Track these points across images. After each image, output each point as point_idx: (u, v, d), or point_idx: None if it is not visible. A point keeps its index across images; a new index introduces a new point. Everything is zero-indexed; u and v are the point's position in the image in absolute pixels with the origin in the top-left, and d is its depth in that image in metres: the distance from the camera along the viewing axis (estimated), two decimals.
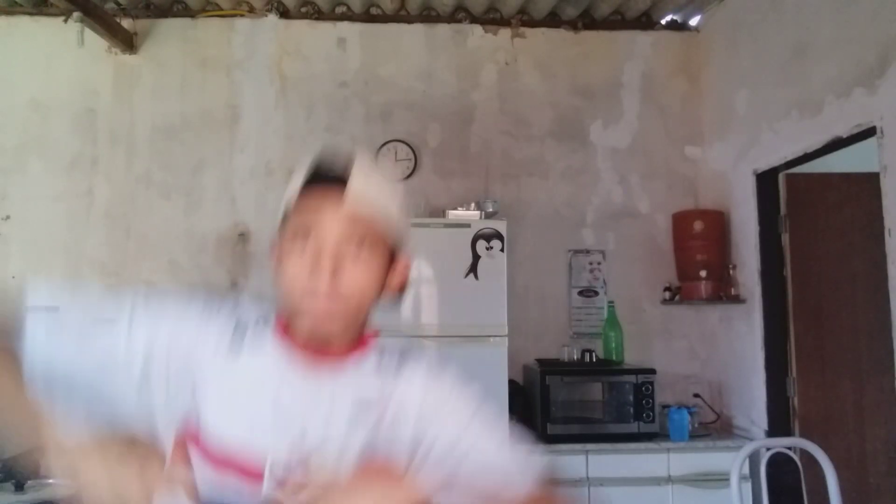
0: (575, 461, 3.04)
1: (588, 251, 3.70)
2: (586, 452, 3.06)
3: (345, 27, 3.76)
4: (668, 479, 3.06)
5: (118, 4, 3.62)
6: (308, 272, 0.84)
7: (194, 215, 3.59)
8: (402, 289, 0.96)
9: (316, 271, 0.83)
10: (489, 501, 0.89)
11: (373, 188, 0.87)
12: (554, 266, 3.67)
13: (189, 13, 3.71)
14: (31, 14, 3.63)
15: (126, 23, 3.63)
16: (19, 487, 1.97)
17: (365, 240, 0.86)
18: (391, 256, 0.91)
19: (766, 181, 3.24)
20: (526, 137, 3.76)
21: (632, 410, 3.15)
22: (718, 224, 3.49)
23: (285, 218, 0.89)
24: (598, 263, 3.69)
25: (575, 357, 3.40)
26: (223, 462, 0.85)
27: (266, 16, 3.72)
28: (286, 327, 0.91)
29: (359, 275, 0.85)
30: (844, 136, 2.67)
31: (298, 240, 0.85)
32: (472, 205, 3.31)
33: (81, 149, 3.58)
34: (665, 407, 3.26)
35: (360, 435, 0.88)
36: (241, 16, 3.72)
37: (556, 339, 3.54)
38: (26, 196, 3.52)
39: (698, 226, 3.48)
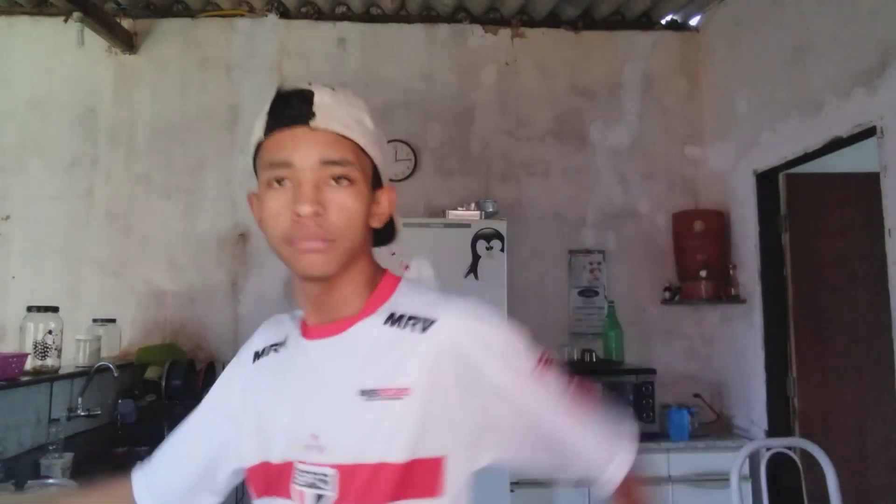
0: None
1: (588, 251, 3.70)
2: None
3: (345, 27, 3.76)
4: (669, 479, 3.06)
5: (118, 4, 3.62)
6: (288, 204, 0.76)
7: (194, 215, 3.59)
8: (392, 224, 0.90)
9: (298, 198, 0.75)
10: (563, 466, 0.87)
11: (342, 105, 0.80)
12: (554, 266, 3.67)
13: (189, 13, 3.70)
14: (31, 14, 3.63)
15: (126, 23, 3.63)
16: (19, 487, 1.97)
17: (344, 161, 0.78)
18: (373, 184, 0.83)
19: (766, 181, 3.24)
20: (526, 137, 3.75)
21: (632, 410, 3.15)
22: (718, 224, 3.49)
23: (257, 166, 0.83)
24: (598, 263, 3.69)
25: (575, 357, 3.40)
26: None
27: (266, 16, 3.72)
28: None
29: (342, 199, 0.77)
30: (844, 136, 2.67)
31: (274, 180, 0.78)
32: (472, 205, 3.31)
33: (81, 149, 3.58)
34: (665, 407, 3.26)
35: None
36: (241, 16, 3.72)
37: (556, 339, 3.54)
38: (26, 196, 3.52)
39: (698, 226, 3.47)
